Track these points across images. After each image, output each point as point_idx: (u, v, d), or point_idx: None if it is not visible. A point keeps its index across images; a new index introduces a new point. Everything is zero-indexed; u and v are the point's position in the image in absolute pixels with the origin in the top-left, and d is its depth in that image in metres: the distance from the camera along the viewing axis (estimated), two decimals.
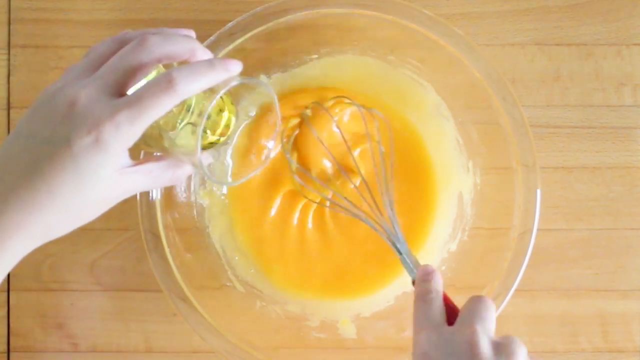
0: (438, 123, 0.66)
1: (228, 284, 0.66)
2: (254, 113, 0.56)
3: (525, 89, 0.68)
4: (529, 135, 0.61)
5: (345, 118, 0.66)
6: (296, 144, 0.66)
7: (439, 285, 0.53)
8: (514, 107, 0.61)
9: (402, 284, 0.66)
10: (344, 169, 0.65)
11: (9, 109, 0.68)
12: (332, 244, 0.67)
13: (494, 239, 0.63)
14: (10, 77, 0.68)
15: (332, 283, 0.67)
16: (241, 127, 0.57)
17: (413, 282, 0.56)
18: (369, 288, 0.67)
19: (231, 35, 0.61)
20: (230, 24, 0.61)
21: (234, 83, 0.48)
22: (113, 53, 0.48)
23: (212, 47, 0.61)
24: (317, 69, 0.66)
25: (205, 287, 0.64)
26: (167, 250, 0.62)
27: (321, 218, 0.67)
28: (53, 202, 0.45)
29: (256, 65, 0.64)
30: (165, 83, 0.45)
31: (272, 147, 0.55)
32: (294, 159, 0.65)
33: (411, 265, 0.56)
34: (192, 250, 0.64)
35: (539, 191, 0.61)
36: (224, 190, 0.67)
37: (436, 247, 0.67)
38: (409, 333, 0.63)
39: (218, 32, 0.61)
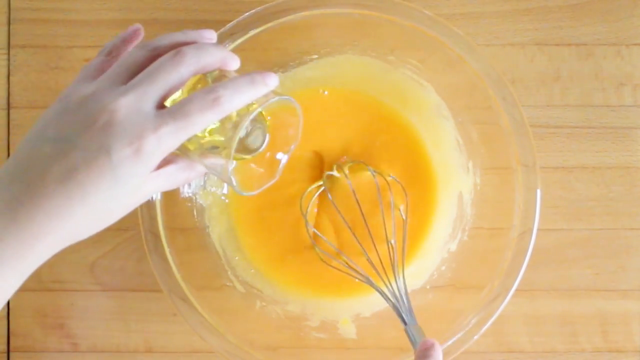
0: (438, 123, 0.66)
1: (228, 284, 0.66)
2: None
3: (525, 89, 0.68)
4: (529, 135, 0.61)
5: (363, 182, 0.66)
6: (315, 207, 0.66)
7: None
8: (514, 107, 0.61)
9: None
10: (357, 236, 0.64)
11: (9, 109, 0.68)
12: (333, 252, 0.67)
13: (494, 239, 0.63)
14: (10, 77, 0.68)
15: (332, 282, 0.67)
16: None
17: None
18: (369, 287, 0.66)
19: (231, 35, 0.61)
20: (230, 24, 0.61)
21: (273, 100, 0.49)
22: (146, 62, 0.48)
23: None
24: (317, 69, 0.66)
25: (205, 287, 0.64)
26: (167, 250, 0.62)
27: (321, 218, 0.67)
28: (85, 208, 0.46)
29: (256, 65, 0.64)
30: (211, 100, 0.46)
31: (285, 161, 0.56)
32: (311, 221, 0.66)
33: (415, 338, 0.56)
34: (192, 250, 0.64)
35: (538, 191, 0.61)
36: (224, 190, 0.67)
37: (436, 247, 0.67)
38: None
39: (218, 32, 0.61)
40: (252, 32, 0.61)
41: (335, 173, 0.66)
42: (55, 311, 0.67)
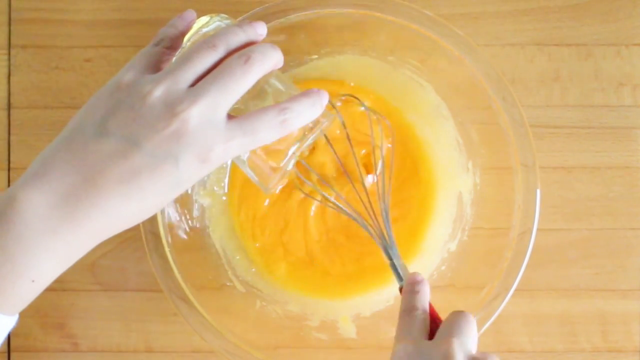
0: (438, 123, 0.66)
1: (228, 283, 0.66)
2: None
3: (525, 89, 0.68)
4: (528, 135, 0.61)
5: (353, 118, 0.66)
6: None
7: (425, 296, 0.54)
8: (513, 107, 0.61)
9: None
10: (346, 170, 0.65)
11: (9, 109, 0.68)
12: (333, 241, 0.67)
13: (494, 239, 0.63)
14: (11, 77, 0.68)
15: (333, 281, 0.67)
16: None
17: (400, 289, 0.56)
18: (369, 286, 0.67)
19: None
20: None
21: (326, 123, 0.52)
22: (214, 64, 0.48)
23: None
24: (317, 70, 0.66)
25: (205, 287, 0.64)
26: (167, 250, 0.62)
27: (322, 217, 0.67)
28: (142, 208, 0.46)
29: None
30: (280, 122, 0.47)
31: (294, 153, 0.57)
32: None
33: (400, 273, 0.57)
34: (192, 250, 0.64)
35: (538, 191, 0.61)
36: (225, 190, 0.67)
37: (436, 247, 0.67)
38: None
39: None
40: None
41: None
42: (56, 311, 0.67)
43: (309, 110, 0.49)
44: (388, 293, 0.67)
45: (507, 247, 0.62)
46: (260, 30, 0.51)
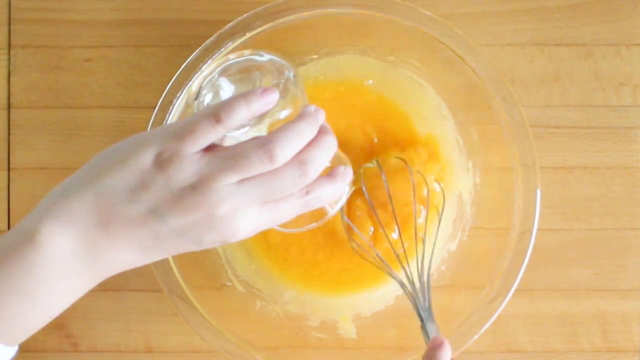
0: (438, 123, 0.66)
1: (228, 283, 0.66)
2: None
3: (525, 89, 0.68)
4: (528, 135, 0.61)
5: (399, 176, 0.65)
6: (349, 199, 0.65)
7: None
8: (513, 107, 0.61)
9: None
10: (382, 225, 0.63)
11: (9, 109, 0.68)
12: (334, 238, 0.67)
13: (494, 239, 0.63)
14: (11, 77, 0.68)
15: (333, 278, 0.67)
16: None
17: None
18: (370, 283, 0.66)
19: (231, 35, 0.61)
20: (230, 24, 0.61)
21: (344, 201, 0.57)
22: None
23: (212, 47, 0.61)
24: (317, 70, 0.66)
25: (205, 287, 0.64)
26: None
27: (353, 209, 0.66)
28: (155, 259, 0.49)
29: None
30: (302, 204, 0.49)
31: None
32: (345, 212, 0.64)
33: (429, 336, 0.56)
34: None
35: (538, 191, 0.61)
36: None
37: (436, 247, 0.66)
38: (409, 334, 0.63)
39: (218, 32, 0.61)
40: (252, 32, 0.61)
41: (371, 165, 0.65)
42: None
43: (330, 194, 0.51)
44: (388, 293, 0.67)
45: (507, 247, 0.62)
46: (320, 118, 0.50)
